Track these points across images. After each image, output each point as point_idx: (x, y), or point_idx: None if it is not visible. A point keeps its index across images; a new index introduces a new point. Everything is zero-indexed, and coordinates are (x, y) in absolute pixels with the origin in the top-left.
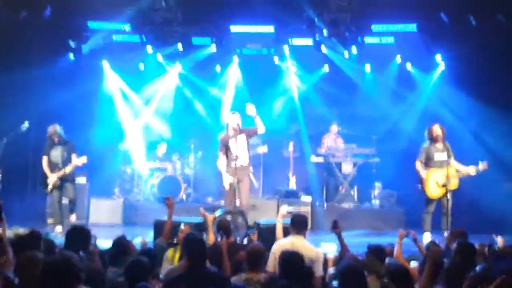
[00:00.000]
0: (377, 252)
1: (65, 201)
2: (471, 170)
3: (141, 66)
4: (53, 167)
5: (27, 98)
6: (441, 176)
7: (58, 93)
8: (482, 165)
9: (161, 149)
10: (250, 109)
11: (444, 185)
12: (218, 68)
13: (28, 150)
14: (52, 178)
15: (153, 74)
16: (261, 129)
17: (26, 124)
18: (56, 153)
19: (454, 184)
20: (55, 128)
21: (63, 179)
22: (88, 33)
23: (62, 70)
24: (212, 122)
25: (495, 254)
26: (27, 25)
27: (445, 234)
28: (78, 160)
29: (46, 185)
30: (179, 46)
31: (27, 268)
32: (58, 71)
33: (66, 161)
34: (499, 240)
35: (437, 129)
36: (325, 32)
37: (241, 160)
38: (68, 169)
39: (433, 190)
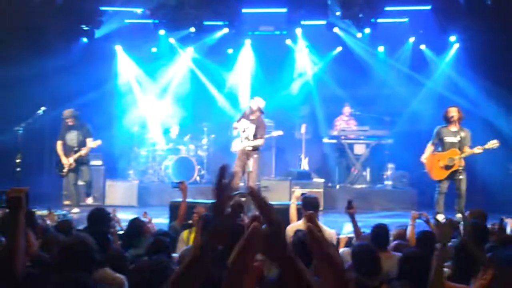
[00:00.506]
0: (380, 232)
1: (80, 183)
2: (476, 150)
3: (154, 50)
4: (69, 150)
5: (42, 84)
6: (444, 158)
7: (72, 78)
8: (490, 144)
9: (174, 131)
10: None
11: (447, 167)
12: (230, 51)
13: (44, 134)
14: (68, 161)
15: (166, 58)
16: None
17: (42, 109)
18: (72, 137)
19: (457, 165)
20: (71, 112)
21: (79, 162)
22: (101, 18)
23: (76, 56)
24: (225, 105)
25: (503, 239)
26: (40, 11)
27: (458, 215)
28: (93, 143)
29: (62, 168)
30: (192, 29)
31: (48, 249)
32: (72, 56)
33: (82, 144)
34: (510, 222)
35: (453, 111)
36: (338, 13)
37: (245, 144)
38: (83, 152)
39: (437, 172)
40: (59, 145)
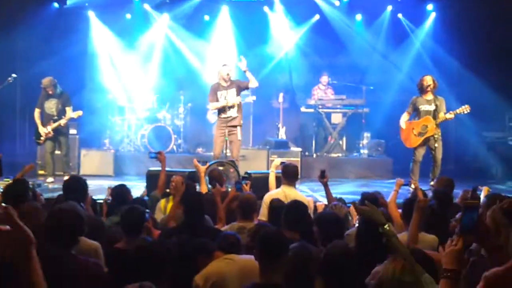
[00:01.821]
0: (371, 201)
1: (57, 152)
2: (448, 115)
3: (128, 17)
4: (48, 118)
5: (13, 51)
6: (418, 126)
7: (44, 46)
8: (461, 109)
9: (150, 99)
10: (242, 64)
11: (420, 134)
12: (207, 17)
13: (16, 103)
14: (47, 129)
15: (141, 25)
16: (253, 83)
17: (13, 76)
18: (51, 105)
19: (430, 131)
20: (50, 81)
21: (57, 132)
22: None
23: (47, 23)
24: (202, 73)
25: (465, 205)
26: None
27: (432, 183)
28: (73, 114)
29: (39, 136)
30: None
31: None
32: (42, 24)
33: (62, 113)
34: (484, 189)
35: (429, 80)
36: None
37: (230, 112)
38: (63, 121)
39: (411, 140)
40: (36, 112)
